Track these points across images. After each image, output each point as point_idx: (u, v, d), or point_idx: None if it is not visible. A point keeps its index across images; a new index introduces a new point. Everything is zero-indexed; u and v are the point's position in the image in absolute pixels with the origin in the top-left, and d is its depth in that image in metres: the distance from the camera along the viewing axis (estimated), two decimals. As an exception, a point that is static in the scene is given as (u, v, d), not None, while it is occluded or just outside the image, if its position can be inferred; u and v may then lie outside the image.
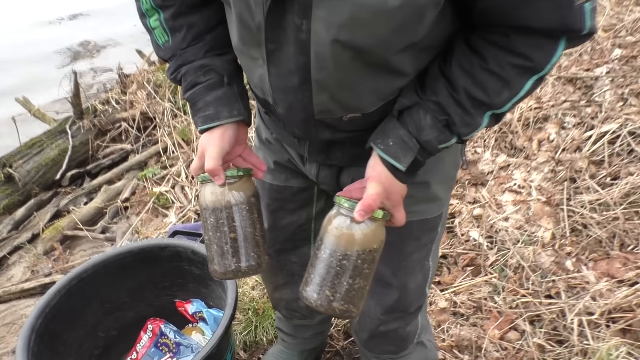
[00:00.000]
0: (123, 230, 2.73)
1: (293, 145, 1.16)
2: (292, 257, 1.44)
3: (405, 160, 0.94)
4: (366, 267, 0.97)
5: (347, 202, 0.94)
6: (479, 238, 2.22)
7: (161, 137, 3.30)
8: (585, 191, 2.25)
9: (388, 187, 0.95)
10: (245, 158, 1.11)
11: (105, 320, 1.78)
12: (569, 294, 1.95)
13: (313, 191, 1.31)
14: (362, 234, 0.94)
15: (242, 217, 1.03)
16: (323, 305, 0.96)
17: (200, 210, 1.06)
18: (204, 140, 1.02)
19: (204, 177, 1.03)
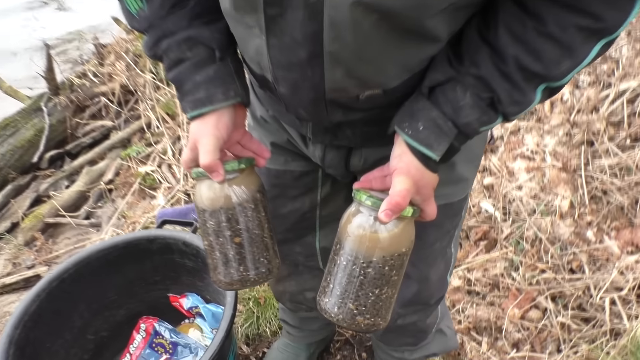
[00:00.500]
0: (108, 215, 2.55)
1: (293, 125, 0.99)
2: (296, 248, 1.29)
3: (440, 148, 0.77)
4: (394, 274, 0.82)
5: (370, 200, 0.79)
6: (492, 209, 2.07)
7: (144, 111, 3.09)
8: (604, 155, 2.10)
9: (419, 181, 0.79)
10: (244, 145, 0.94)
11: (94, 322, 1.62)
12: (592, 266, 1.82)
13: (317, 175, 1.14)
14: (388, 236, 0.79)
15: (248, 217, 0.87)
16: (346, 320, 0.82)
17: (196, 211, 0.89)
18: (195, 130, 0.85)
19: (198, 173, 0.86)
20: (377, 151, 0.98)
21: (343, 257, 0.81)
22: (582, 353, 1.61)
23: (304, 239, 1.26)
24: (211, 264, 0.90)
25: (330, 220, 1.24)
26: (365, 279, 0.79)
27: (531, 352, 1.69)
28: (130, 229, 2.37)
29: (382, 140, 0.94)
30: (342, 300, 0.81)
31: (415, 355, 1.47)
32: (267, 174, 1.13)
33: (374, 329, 0.84)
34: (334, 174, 1.07)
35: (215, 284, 0.90)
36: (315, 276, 1.38)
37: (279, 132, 1.08)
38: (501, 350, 1.71)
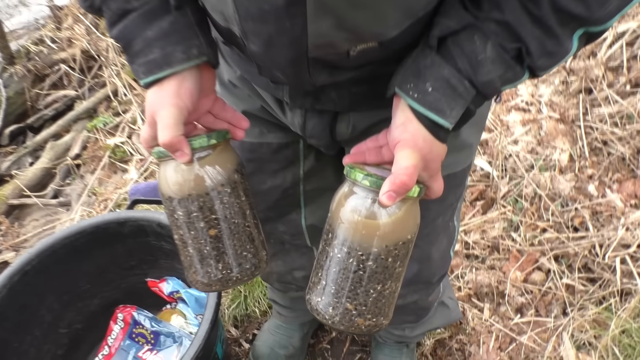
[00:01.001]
0: (78, 192, 2.38)
1: (267, 88, 0.84)
2: (280, 227, 1.15)
3: (453, 114, 0.63)
4: (399, 266, 0.69)
5: (368, 179, 0.64)
6: (488, 167, 1.95)
7: (109, 78, 2.87)
8: (604, 103, 1.97)
9: (427, 154, 0.65)
10: (217, 114, 0.78)
11: (66, 314, 1.49)
12: (596, 223, 1.72)
13: (298, 147, 0.99)
14: (391, 222, 0.65)
15: (225, 204, 0.72)
16: (343, 322, 0.69)
17: (162, 200, 0.74)
18: (152, 100, 0.69)
19: (160, 153, 0.71)
20: (367, 116, 0.84)
21: (336, 248, 0.67)
22: (590, 315, 1.52)
23: (287, 216, 1.13)
24: (185, 262, 0.75)
25: (316, 195, 1.09)
26: (365, 273, 0.66)
27: (536, 316, 1.60)
28: (102, 207, 2.20)
29: (373, 102, 0.79)
30: (337, 299, 0.68)
31: (417, 331, 1.37)
32: (240, 148, 0.97)
33: (375, 330, 0.72)
34: (317, 145, 0.92)
35: (192, 285, 0.76)
36: (304, 254, 1.25)
37: (251, 99, 0.92)
38: (504, 316, 1.62)
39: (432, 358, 1.55)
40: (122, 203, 2.17)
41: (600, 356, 1.45)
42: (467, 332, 1.59)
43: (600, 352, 1.45)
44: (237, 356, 1.58)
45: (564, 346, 1.51)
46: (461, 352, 1.56)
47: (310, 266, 1.28)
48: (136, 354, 1.47)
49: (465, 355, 1.55)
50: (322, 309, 0.70)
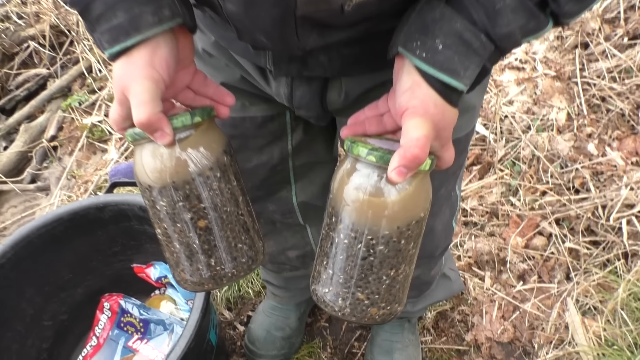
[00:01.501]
0: (57, 175, 2.27)
1: (247, 54, 0.74)
2: (269, 206, 1.08)
3: (468, 74, 0.55)
4: (412, 247, 0.61)
5: (374, 154, 0.56)
6: (483, 130, 1.88)
7: (82, 54, 2.73)
8: (601, 57, 1.89)
9: (439, 121, 0.57)
10: (197, 90, 0.69)
11: (49, 306, 1.41)
12: (597, 183, 1.66)
13: (284, 119, 0.91)
14: (401, 200, 0.57)
15: (214, 191, 0.63)
16: (355, 313, 0.62)
17: (140, 189, 0.65)
18: (121, 73, 0.59)
19: (135, 135, 0.62)
20: (361, 81, 0.76)
21: (342, 233, 0.60)
22: (594, 280, 1.48)
23: (277, 195, 1.05)
24: (170, 260, 0.67)
25: (306, 170, 1.02)
26: (376, 259, 0.59)
27: (539, 282, 1.55)
28: (82, 190, 2.11)
29: (368, 64, 0.71)
30: (347, 289, 0.61)
31: (419, 305, 1.32)
32: (221, 124, 0.88)
33: (390, 318, 0.65)
34: (306, 116, 0.84)
35: (180, 285, 0.68)
36: (296, 232, 1.18)
37: (229, 69, 0.83)
38: (506, 284, 1.57)
39: (434, 331, 1.50)
40: (103, 185, 2.08)
41: (606, 320, 1.41)
42: (468, 302, 1.54)
43: (607, 317, 1.41)
44: (232, 339, 1.52)
45: (569, 312, 1.47)
46: (464, 323, 1.51)
47: (304, 245, 1.22)
48: (126, 343, 1.40)
49: (468, 326, 1.50)
50: (331, 300, 0.63)
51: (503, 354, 1.44)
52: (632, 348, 1.33)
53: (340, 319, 0.66)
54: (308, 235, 1.20)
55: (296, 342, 1.48)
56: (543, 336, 1.45)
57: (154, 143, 0.61)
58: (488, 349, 1.45)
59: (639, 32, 1.87)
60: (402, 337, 1.39)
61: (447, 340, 1.49)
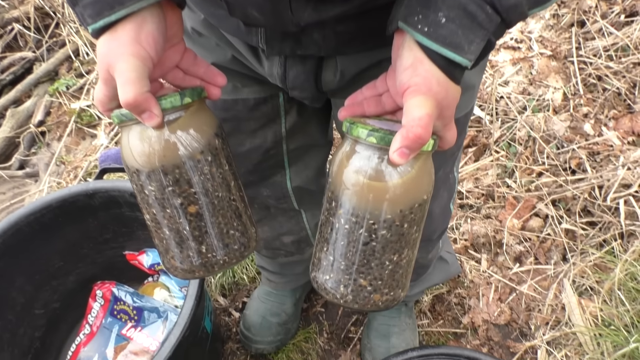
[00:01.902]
0: (45, 161, 2.23)
1: (238, 33, 0.71)
2: (263, 191, 1.05)
3: (472, 49, 0.52)
4: (415, 231, 0.60)
5: (375, 135, 0.54)
6: (478, 111, 1.85)
7: (68, 36, 2.66)
8: (597, 35, 1.87)
9: (442, 99, 0.54)
10: (187, 69, 0.65)
11: (40, 294, 1.39)
12: (594, 163, 1.65)
13: (278, 101, 0.88)
14: (404, 183, 0.55)
15: (205, 175, 0.61)
16: (357, 300, 0.61)
17: (127, 173, 0.62)
18: (105, 51, 0.56)
19: (122, 116, 0.58)
20: (357, 59, 0.73)
21: (343, 218, 0.57)
22: (591, 260, 1.47)
23: (271, 179, 1.03)
24: (160, 247, 0.65)
25: (301, 154, 0.99)
26: (378, 244, 0.57)
27: (535, 264, 1.55)
28: (72, 176, 2.07)
29: (364, 42, 0.68)
30: (348, 276, 0.59)
31: (416, 289, 1.31)
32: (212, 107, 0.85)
33: (394, 304, 0.63)
34: (300, 98, 0.81)
35: (170, 273, 0.66)
36: (291, 217, 1.16)
37: (220, 48, 0.80)
38: (503, 266, 1.56)
39: (431, 314, 1.49)
40: (93, 171, 2.04)
41: (603, 301, 1.41)
42: (465, 285, 1.53)
43: (604, 297, 1.41)
44: (227, 326, 1.51)
45: (566, 293, 1.46)
46: (460, 306, 1.50)
47: (299, 230, 1.19)
48: (119, 331, 1.38)
49: (465, 309, 1.49)
50: (332, 287, 0.61)
51: (500, 336, 1.44)
52: (628, 328, 1.33)
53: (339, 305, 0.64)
54: (303, 220, 1.18)
55: (292, 328, 1.47)
56: (540, 317, 1.45)
57: (142, 125, 0.58)
58: (485, 332, 1.45)
59: (635, 9, 1.85)
60: (399, 321, 1.38)
61: (444, 323, 1.48)
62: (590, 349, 1.34)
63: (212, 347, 1.31)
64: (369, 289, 0.60)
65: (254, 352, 1.43)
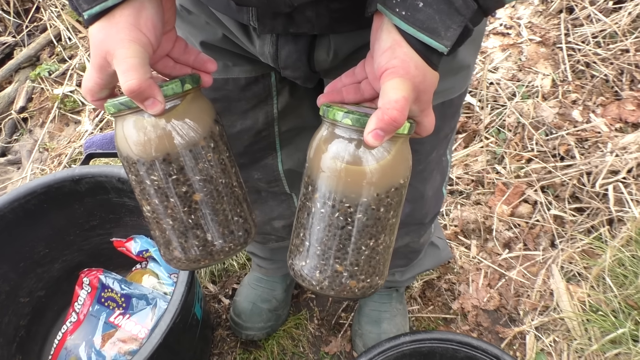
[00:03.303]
0: (28, 148, 2.18)
1: (228, 11, 0.69)
2: (254, 174, 1.04)
3: (449, 35, 0.52)
4: (392, 216, 0.59)
5: (350, 117, 0.54)
6: (468, 97, 1.85)
7: (49, 21, 2.60)
8: (586, 21, 1.87)
9: (419, 83, 0.53)
10: (177, 58, 0.64)
11: (24, 282, 1.36)
12: (582, 149, 1.66)
13: (269, 81, 0.86)
14: (379, 167, 0.55)
15: (208, 162, 0.60)
16: (333, 287, 0.60)
17: (124, 165, 0.60)
18: (102, 37, 0.54)
19: (120, 105, 0.56)
20: (350, 38, 0.71)
21: (319, 202, 0.57)
22: (579, 246, 1.48)
23: (262, 162, 1.01)
24: (160, 239, 0.63)
25: (293, 136, 0.98)
26: (354, 228, 0.57)
27: (524, 250, 1.56)
28: (55, 163, 2.03)
29: (357, 21, 0.66)
30: (324, 261, 0.59)
31: (407, 275, 1.31)
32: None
33: (370, 292, 0.62)
34: (292, 77, 0.79)
35: (172, 265, 0.64)
36: (283, 202, 1.15)
37: (210, 27, 0.77)
38: (492, 252, 1.57)
39: (422, 300, 1.49)
40: (77, 158, 2.00)
41: (591, 287, 1.42)
42: (455, 271, 1.54)
43: (591, 283, 1.42)
44: (217, 313, 1.49)
45: (554, 279, 1.47)
46: (450, 292, 1.51)
47: (290, 214, 1.18)
48: (107, 319, 1.36)
49: (455, 295, 1.50)
50: (308, 273, 0.60)
51: (489, 322, 1.45)
52: (616, 313, 1.35)
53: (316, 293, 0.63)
54: (294, 204, 1.16)
55: (282, 314, 1.46)
56: (528, 303, 1.46)
57: (139, 114, 0.56)
58: (474, 317, 1.45)
59: (624, -4, 1.85)
60: (390, 307, 1.38)
61: (434, 309, 1.48)
62: (578, 335, 1.36)
63: (202, 334, 1.29)
64: (345, 275, 0.59)
65: (244, 338, 1.42)
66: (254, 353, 1.42)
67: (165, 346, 0.99)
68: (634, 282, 1.33)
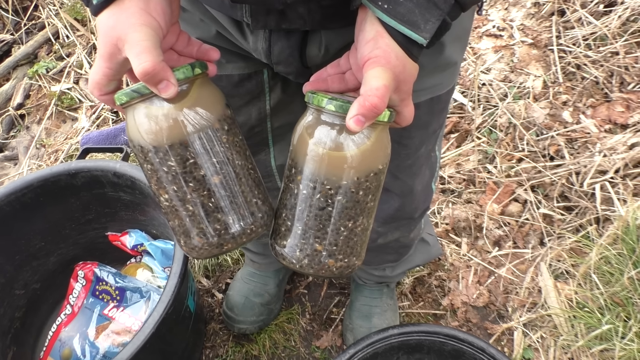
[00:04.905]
0: (25, 145, 2.20)
1: (222, 7, 0.71)
2: None
3: (428, 28, 0.55)
4: (370, 200, 0.62)
5: (333, 103, 0.57)
6: (460, 97, 1.88)
7: (47, 19, 2.62)
8: (577, 24, 1.90)
9: (400, 73, 0.56)
10: (180, 51, 0.65)
11: (20, 275, 1.38)
12: (571, 150, 1.68)
13: (262, 77, 0.88)
14: (359, 152, 0.58)
15: (224, 144, 0.61)
16: (313, 265, 0.63)
17: (139, 155, 0.60)
18: (111, 24, 0.55)
19: (132, 93, 0.57)
20: (342, 34, 0.73)
21: (302, 184, 0.60)
22: (567, 244, 1.51)
23: (255, 157, 1.02)
24: (179, 228, 0.62)
25: (285, 132, 1.00)
26: (334, 209, 0.60)
27: (514, 248, 1.58)
28: (52, 159, 2.05)
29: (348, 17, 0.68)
30: (304, 240, 0.62)
31: (398, 270, 1.33)
32: None
33: (348, 272, 0.65)
34: (285, 73, 0.80)
35: (192, 255, 0.64)
36: (275, 197, 1.16)
37: (204, 24, 0.79)
38: (482, 250, 1.59)
39: (412, 296, 1.51)
40: (74, 154, 2.02)
41: (578, 284, 1.44)
42: (445, 268, 1.56)
43: (579, 280, 1.44)
44: (210, 307, 1.51)
45: (542, 276, 1.49)
46: (440, 288, 1.53)
47: (283, 209, 1.20)
48: (101, 311, 1.38)
49: (445, 291, 1.52)
50: (288, 252, 0.63)
51: (478, 318, 1.47)
52: (602, 310, 1.37)
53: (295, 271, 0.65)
54: None
55: (275, 309, 1.48)
56: (517, 300, 1.48)
57: (150, 102, 0.57)
58: (464, 313, 1.48)
59: None
60: (380, 302, 1.40)
61: (424, 305, 1.50)
62: (565, 331, 1.38)
63: (195, 326, 1.31)
64: (324, 254, 0.62)
65: (237, 332, 1.44)
66: (246, 346, 1.44)
67: (158, 336, 1.01)
68: (620, 279, 1.35)
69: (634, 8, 1.80)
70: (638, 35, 1.80)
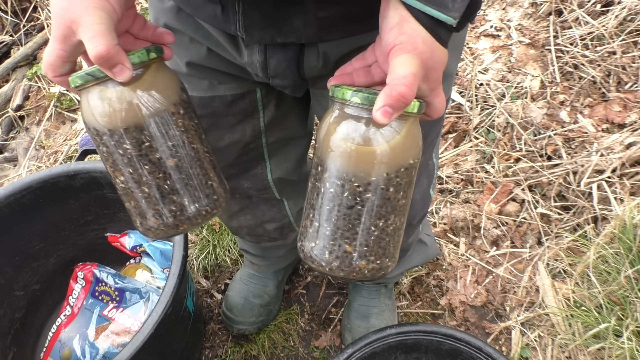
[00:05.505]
0: (24, 146, 2.21)
1: (215, 21, 0.69)
2: (244, 183, 1.05)
3: (456, 6, 0.51)
4: (402, 197, 0.59)
5: (359, 95, 0.54)
6: (458, 98, 1.88)
7: (46, 20, 2.63)
8: (574, 24, 1.90)
9: (428, 60, 0.52)
10: (137, 34, 0.64)
11: (20, 276, 1.39)
12: (569, 149, 1.69)
13: (255, 96, 0.87)
14: (389, 147, 0.55)
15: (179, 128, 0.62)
16: (343, 268, 0.60)
17: (93, 137, 0.61)
18: (65, 6, 0.54)
19: (84, 77, 0.57)
20: (340, 45, 0.71)
21: (329, 182, 0.57)
22: (565, 244, 1.51)
23: (251, 171, 1.03)
24: (135, 209, 0.64)
25: (281, 146, 0.99)
26: (364, 208, 0.57)
27: (512, 247, 1.59)
28: (52, 161, 2.05)
29: (344, 29, 0.67)
30: (334, 242, 0.58)
31: (396, 271, 1.33)
32: None
33: (380, 274, 0.62)
34: (281, 87, 0.79)
35: (150, 235, 0.65)
36: (274, 206, 1.16)
37: (194, 45, 0.77)
38: (480, 250, 1.60)
39: (410, 296, 1.52)
40: (73, 155, 2.03)
41: (575, 283, 1.45)
42: (443, 267, 1.57)
43: (576, 279, 1.45)
44: (209, 307, 1.52)
45: (540, 276, 1.50)
46: (439, 288, 1.54)
47: (281, 218, 1.20)
48: (101, 312, 1.39)
49: (443, 291, 1.53)
50: (317, 254, 0.60)
51: (476, 317, 1.48)
52: (599, 309, 1.37)
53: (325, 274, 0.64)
54: (285, 208, 1.18)
55: (274, 309, 1.48)
56: (515, 299, 1.49)
57: (105, 85, 0.57)
58: (462, 313, 1.48)
59: (611, -1, 1.89)
60: (378, 302, 1.41)
61: (422, 304, 1.51)
62: (563, 330, 1.39)
63: (194, 327, 1.32)
64: (354, 256, 0.58)
65: (236, 332, 1.44)
66: (245, 347, 1.44)
67: (157, 337, 1.02)
68: (617, 278, 1.35)
69: (630, 8, 1.81)
70: (635, 34, 1.80)
